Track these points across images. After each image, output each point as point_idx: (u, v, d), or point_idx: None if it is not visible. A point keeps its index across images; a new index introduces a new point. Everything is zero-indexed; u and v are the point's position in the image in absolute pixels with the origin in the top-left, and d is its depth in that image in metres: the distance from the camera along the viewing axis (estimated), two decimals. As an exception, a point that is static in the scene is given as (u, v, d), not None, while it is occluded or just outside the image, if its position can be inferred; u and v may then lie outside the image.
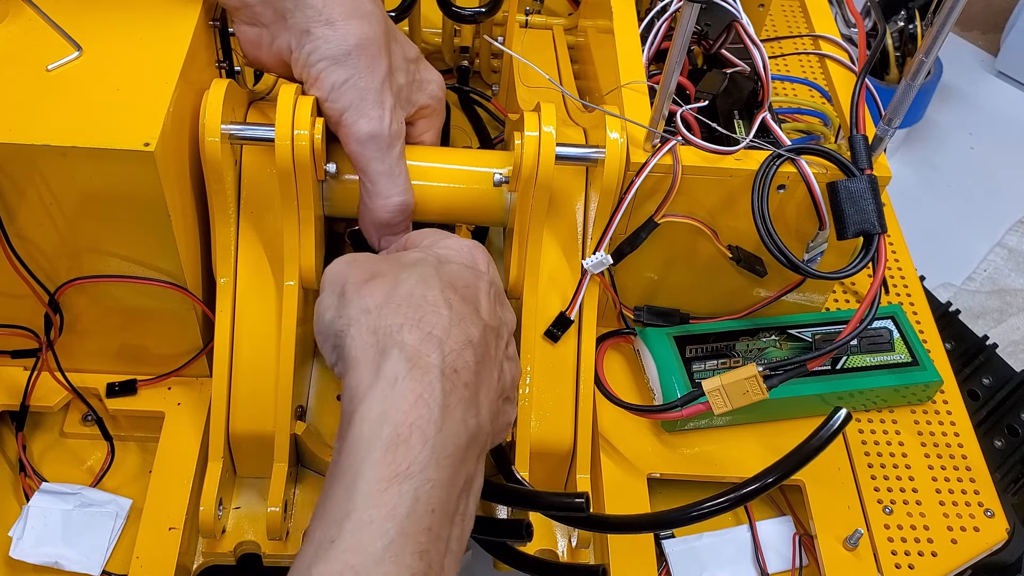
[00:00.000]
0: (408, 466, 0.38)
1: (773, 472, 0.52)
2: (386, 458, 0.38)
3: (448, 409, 0.40)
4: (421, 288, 0.44)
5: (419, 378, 0.40)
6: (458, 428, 0.40)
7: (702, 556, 0.67)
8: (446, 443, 0.40)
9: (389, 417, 0.39)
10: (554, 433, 0.64)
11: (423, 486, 0.38)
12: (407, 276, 0.45)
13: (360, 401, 0.41)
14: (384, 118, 0.58)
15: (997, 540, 0.67)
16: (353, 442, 0.40)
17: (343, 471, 0.39)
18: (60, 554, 0.62)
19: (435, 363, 0.41)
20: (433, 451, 0.39)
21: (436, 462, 0.39)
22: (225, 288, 0.63)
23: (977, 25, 1.81)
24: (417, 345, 0.41)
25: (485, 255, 0.51)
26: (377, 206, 0.60)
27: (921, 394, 0.72)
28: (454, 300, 0.44)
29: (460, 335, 0.43)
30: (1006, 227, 1.51)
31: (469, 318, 0.44)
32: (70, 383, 0.65)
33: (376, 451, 0.39)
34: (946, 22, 0.54)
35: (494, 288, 0.49)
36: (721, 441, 0.69)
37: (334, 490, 0.39)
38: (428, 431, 0.39)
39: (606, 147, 0.60)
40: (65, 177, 0.55)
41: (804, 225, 0.65)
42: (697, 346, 0.70)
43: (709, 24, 0.71)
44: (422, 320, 0.42)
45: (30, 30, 0.58)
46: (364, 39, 0.57)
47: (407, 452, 0.39)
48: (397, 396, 0.40)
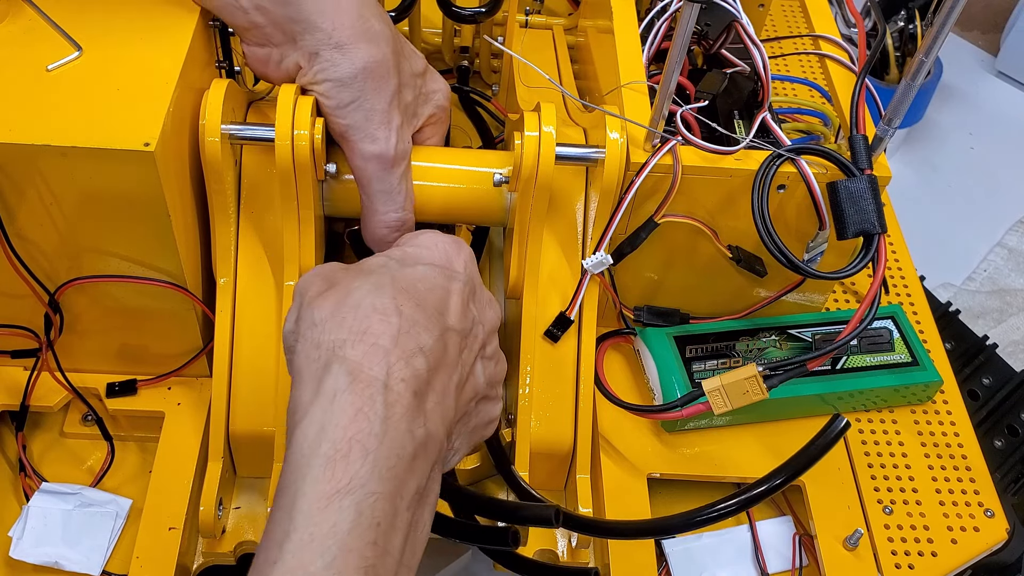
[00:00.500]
0: (349, 481, 0.38)
1: (759, 486, 0.51)
2: (325, 474, 0.38)
3: (391, 420, 0.39)
4: (371, 297, 0.43)
5: (360, 391, 0.40)
6: (403, 439, 0.40)
7: (702, 556, 0.67)
8: (389, 455, 0.39)
9: (327, 433, 0.39)
10: (554, 433, 0.64)
11: (366, 500, 0.38)
12: (359, 285, 0.44)
13: (301, 418, 0.40)
14: (390, 139, 0.59)
15: (997, 540, 0.67)
16: (293, 460, 0.39)
17: (283, 490, 0.39)
18: (60, 554, 0.62)
19: (378, 375, 0.40)
20: (375, 464, 0.38)
21: (379, 475, 0.38)
22: (225, 288, 0.63)
23: (977, 25, 1.81)
24: (359, 359, 0.41)
25: (463, 254, 0.51)
26: (373, 222, 0.61)
27: (921, 394, 0.72)
28: (406, 307, 0.43)
29: (409, 343, 0.42)
30: (1006, 227, 1.50)
31: (422, 324, 0.43)
32: (70, 383, 0.65)
33: (315, 468, 0.38)
34: (946, 22, 0.54)
35: (469, 288, 0.48)
36: (721, 441, 0.69)
37: (275, 511, 0.39)
38: (369, 444, 0.39)
39: (606, 147, 0.60)
40: (65, 177, 0.55)
41: (804, 225, 0.65)
42: (697, 346, 0.70)
43: (709, 24, 0.71)
44: (367, 331, 0.42)
45: (30, 30, 0.58)
46: (372, 62, 0.57)
47: (347, 467, 0.38)
48: (336, 411, 0.39)
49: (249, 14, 0.57)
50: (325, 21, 0.56)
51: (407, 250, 0.50)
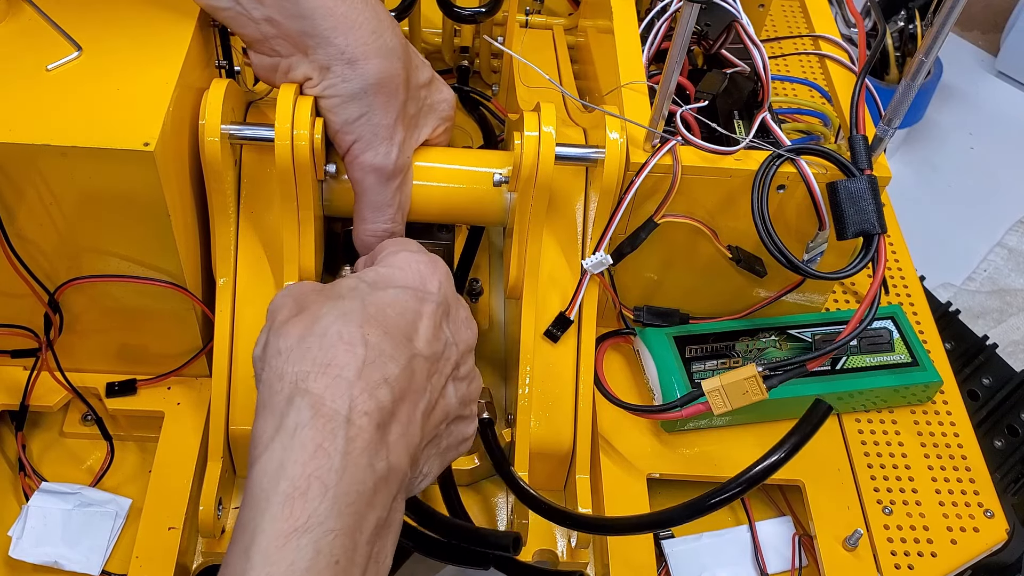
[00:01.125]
0: (307, 519, 0.37)
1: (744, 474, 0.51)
2: (283, 512, 0.37)
3: (351, 456, 0.39)
4: (338, 325, 0.43)
5: (320, 427, 0.39)
6: (363, 474, 0.39)
7: (702, 556, 0.67)
8: (348, 491, 0.39)
9: (287, 470, 0.38)
10: (553, 433, 0.64)
11: (324, 538, 0.37)
12: (327, 312, 0.44)
13: (261, 453, 0.40)
14: (391, 153, 0.59)
15: (997, 541, 0.67)
16: (251, 496, 0.39)
17: (242, 527, 0.38)
18: (60, 554, 0.62)
19: (340, 409, 0.40)
20: (334, 501, 0.38)
21: (338, 512, 0.38)
22: (225, 288, 0.63)
23: (977, 25, 1.81)
24: (322, 392, 0.40)
25: (438, 274, 0.50)
26: (361, 229, 0.61)
27: (921, 394, 0.72)
28: (373, 335, 0.43)
29: (374, 374, 0.42)
30: (1006, 227, 1.50)
31: (388, 353, 0.43)
32: (70, 383, 0.65)
33: (274, 505, 0.38)
34: (946, 22, 0.54)
35: (442, 309, 0.48)
36: (721, 441, 0.69)
37: (234, 548, 0.38)
38: (328, 480, 0.38)
39: (606, 147, 0.60)
40: (65, 177, 0.55)
41: (804, 225, 0.65)
42: (697, 346, 0.70)
43: (709, 24, 0.71)
44: (331, 363, 0.41)
45: (30, 30, 0.58)
46: (383, 77, 0.57)
47: (305, 505, 0.38)
48: (296, 447, 0.39)
49: (260, 26, 0.57)
50: (339, 37, 0.56)
51: (380, 271, 0.49)
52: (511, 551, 0.53)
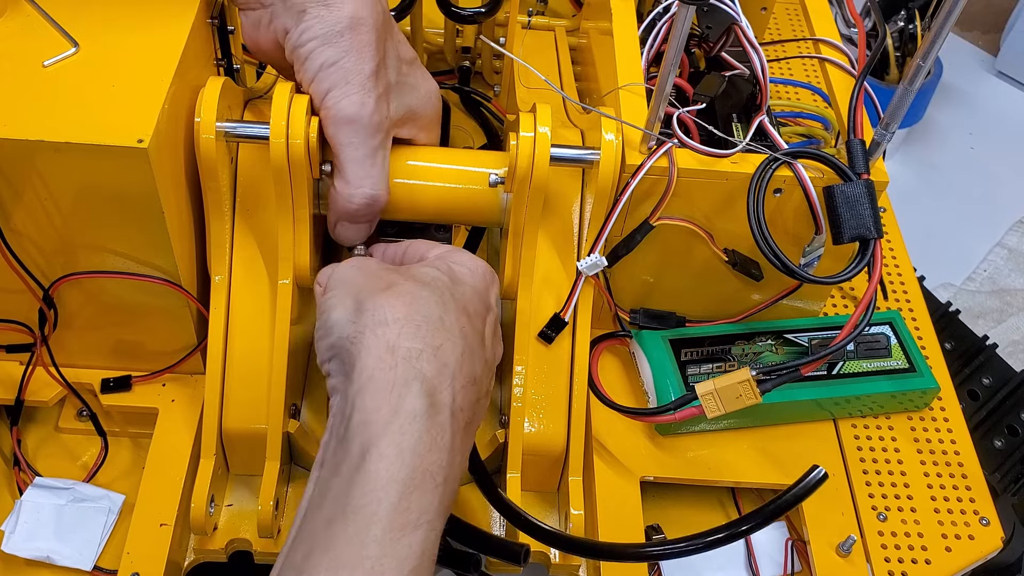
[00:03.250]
0: (419, 515, 0.38)
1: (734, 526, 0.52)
2: (401, 504, 0.38)
3: (454, 453, 0.40)
4: (439, 310, 0.43)
5: (434, 417, 0.40)
6: (457, 473, 0.40)
7: (694, 561, 0.67)
8: (448, 491, 0.40)
9: (406, 460, 0.39)
10: (547, 435, 0.64)
11: (429, 536, 0.38)
12: (426, 295, 0.43)
13: (378, 435, 0.39)
14: (367, 104, 0.57)
15: (992, 548, 0.67)
16: (368, 480, 0.39)
17: (356, 508, 0.38)
18: (52, 548, 0.62)
19: (447, 401, 0.40)
20: (441, 499, 0.39)
21: (441, 511, 0.39)
22: (219, 286, 0.63)
23: (977, 25, 1.80)
24: (434, 378, 0.41)
25: (496, 287, 0.50)
26: (343, 195, 0.58)
27: (918, 401, 0.72)
28: (467, 329, 0.43)
29: (468, 370, 0.42)
30: (1006, 227, 1.50)
31: (476, 351, 0.43)
32: (64, 378, 0.65)
33: (393, 495, 0.38)
34: (943, 27, 0.54)
35: (497, 318, 0.48)
36: (715, 445, 0.69)
37: (345, 527, 0.38)
38: (438, 477, 0.39)
39: (601, 149, 0.60)
40: (60, 173, 0.55)
41: (800, 229, 0.65)
42: (692, 349, 0.70)
43: (711, 27, 0.70)
44: (440, 349, 0.41)
45: (27, 26, 0.58)
46: (357, 21, 0.57)
47: (420, 499, 0.38)
48: (415, 437, 0.39)
49: None
50: None
51: (453, 267, 0.49)
52: (520, 562, 0.53)
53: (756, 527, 0.51)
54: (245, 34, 0.62)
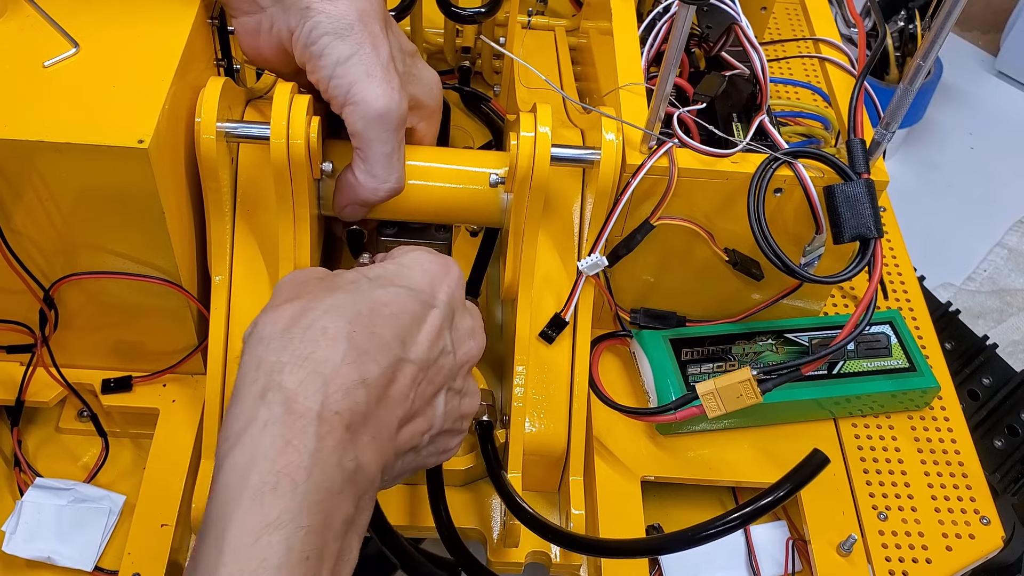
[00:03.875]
0: (278, 515, 0.37)
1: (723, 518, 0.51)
2: (254, 507, 0.37)
3: (321, 453, 0.39)
4: (326, 318, 0.42)
5: (291, 423, 0.39)
6: (332, 472, 0.39)
7: (695, 560, 0.67)
8: (318, 488, 0.38)
9: (257, 465, 0.38)
10: (548, 435, 0.64)
11: (295, 534, 0.37)
12: (318, 304, 0.43)
13: (232, 446, 0.39)
14: (393, 96, 0.56)
15: (992, 548, 0.67)
16: (221, 491, 0.39)
17: (212, 522, 0.38)
18: (53, 549, 0.62)
19: (312, 406, 0.39)
20: (304, 497, 0.38)
21: (308, 508, 0.38)
22: (220, 286, 0.63)
23: (977, 25, 1.80)
24: (296, 387, 0.40)
25: (449, 279, 0.48)
26: (368, 188, 0.58)
27: (918, 400, 0.72)
28: (359, 333, 0.42)
29: (352, 373, 0.41)
30: (1006, 227, 1.50)
31: (372, 354, 0.42)
32: (65, 379, 0.65)
33: (245, 501, 0.37)
34: (943, 27, 0.54)
35: (446, 317, 0.46)
36: (716, 445, 0.69)
37: (204, 543, 0.38)
38: (298, 477, 0.38)
39: (602, 148, 0.60)
40: (60, 173, 0.55)
41: (801, 229, 0.65)
42: (693, 349, 0.70)
43: (711, 27, 0.70)
44: (310, 357, 0.41)
45: (27, 26, 0.58)
46: (363, 12, 0.55)
47: (276, 500, 0.37)
48: (266, 442, 0.39)
49: None
50: None
51: (388, 267, 0.48)
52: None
53: (762, 510, 0.49)
54: (243, 42, 0.61)
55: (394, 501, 0.66)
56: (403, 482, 0.66)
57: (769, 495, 0.49)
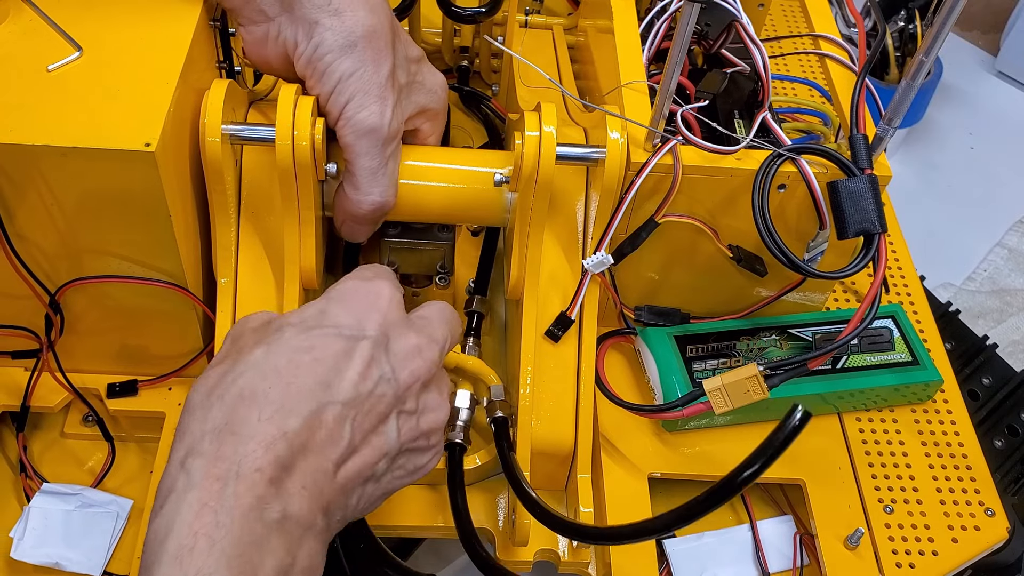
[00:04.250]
0: (196, 572, 0.38)
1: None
2: (173, 569, 0.39)
3: (237, 511, 0.40)
4: (242, 380, 0.43)
5: (208, 487, 0.40)
6: (252, 526, 0.40)
7: (703, 556, 0.67)
8: (237, 543, 0.39)
9: (175, 529, 0.39)
10: (555, 433, 0.64)
11: None
12: (238, 365, 0.44)
13: (155, 512, 0.41)
14: (385, 114, 0.58)
15: (998, 539, 0.67)
16: (146, 554, 0.40)
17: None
18: (61, 555, 0.62)
19: (230, 468, 0.41)
20: (222, 553, 0.39)
21: (227, 563, 0.39)
22: (226, 288, 0.63)
23: (977, 25, 1.81)
24: (215, 451, 0.41)
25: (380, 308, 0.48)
26: (353, 200, 0.60)
27: (921, 393, 0.72)
28: (275, 390, 0.43)
29: (270, 429, 0.42)
30: (1006, 227, 1.50)
31: (289, 406, 0.43)
32: (71, 384, 0.65)
33: (164, 565, 0.39)
34: (946, 22, 0.54)
35: (378, 347, 0.46)
36: (722, 441, 0.69)
37: None
38: (215, 535, 0.39)
39: (607, 147, 0.60)
40: (66, 177, 0.55)
41: (804, 225, 0.65)
42: (698, 346, 0.70)
43: (709, 24, 0.71)
44: (229, 422, 0.42)
45: (30, 30, 0.58)
46: (371, 30, 0.57)
47: (193, 559, 0.39)
48: (184, 507, 0.40)
49: None
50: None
51: (314, 309, 0.48)
52: None
53: (754, 475, 0.47)
54: (248, 50, 0.61)
55: (412, 501, 0.66)
56: (420, 482, 0.66)
57: (761, 456, 0.47)
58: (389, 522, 0.65)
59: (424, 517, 0.66)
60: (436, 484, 0.66)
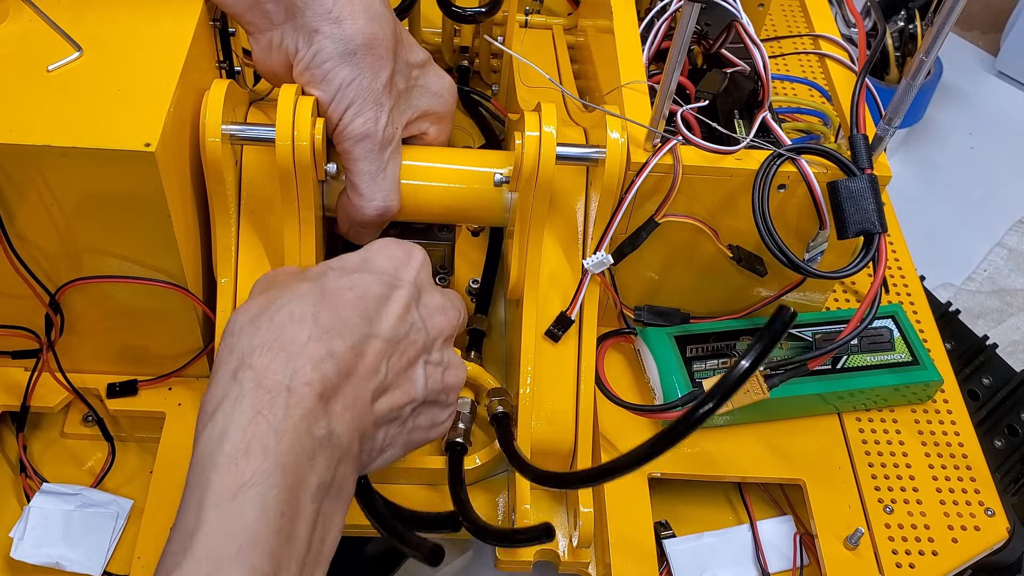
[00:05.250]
0: (252, 475, 0.40)
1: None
2: (230, 469, 0.40)
3: (290, 421, 0.41)
4: (291, 305, 0.45)
5: (261, 396, 0.41)
6: (303, 438, 0.41)
7: (703, 556, 0.67)
8: (289, 451, 0.41)
9: (230, 434, 0.41)
10: (555, 433, 0.64)
11: (269, 492, 0.40)
12: (286, 294, 0.46)
13: (207, 421, 0.42)
14: (380, 120, 0.59)
15: (998, 539, 0.67)
16: (198, 461, 0.41)
17: (191, 489, 0.41)
18: (61, 555, 0.62)
19: (281, 380, 0.42)
20: (276, 460, 0.40)
21: (281, 469, 0.40)
22: (226, 288, 0.63)
23: (977, 25, 1.80)
24: (266, 365, 0.42)
25: (414, 261, 0.50)
26: (356, 206, 0.61)
27: (921, 393, 0.72)
28: (323, 314, 0.45)
29: (319, 348, 0.43)
30: (1006, 227, 1.50)
31: (337, 331, 0.44)
32: (71, 384, 0.65)
33: (220, 465, 0.40)
34: (946, 22, 0.54)
35: (412, 295, 0.49)
36: (722, 440, 0.69)
37: (184, 507, 0.41)
38: (269, 442, 0.40)
39: (607, 147, 0.60)
40: (66, 177, 0.55)
41: (805, 224, 0.65)
42: (698, 346, 0.70)
43: (709, 24, 0.71)
44: (278, 339, 0.43)
45: (30, 31, 0.58)
46: (371, 38, 0.58)
47: (249, 463, 0.40)
48: (237, 414, 0.41)
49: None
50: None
51: (352, 258, 0.50)
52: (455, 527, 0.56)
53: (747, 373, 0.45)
54: (257, 59, 0.62)
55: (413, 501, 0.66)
56: (420, 482, 0.66)
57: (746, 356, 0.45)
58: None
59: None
60: (436, 484, 0.66)
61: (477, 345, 0.70)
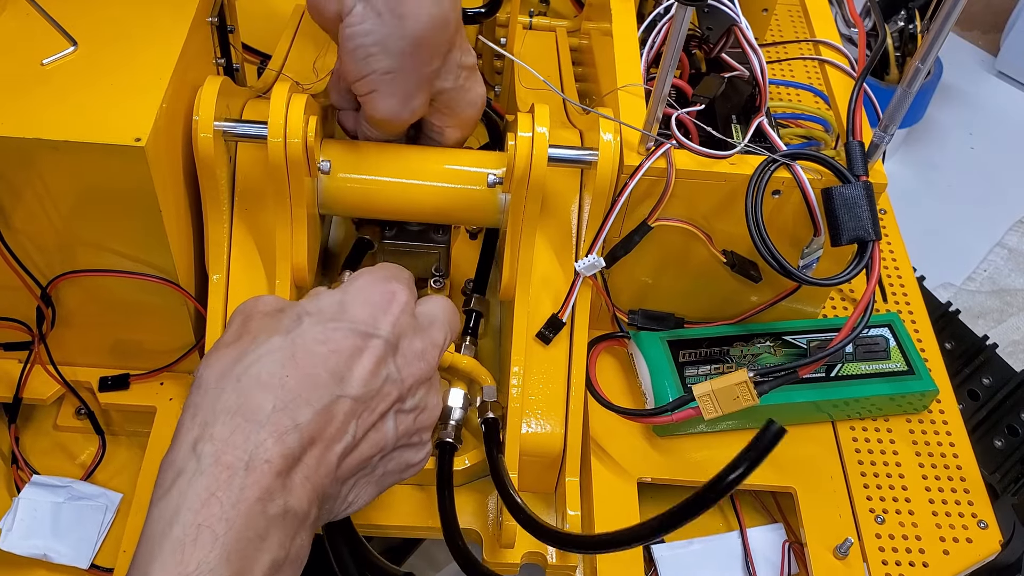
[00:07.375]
0: (196, 566, 0.38)
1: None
2: (173, 558, 0.38)
3: (242, 505, 0.40)
4: (259, 365, 0.43)
5: (218, 475, 0.40)
6: (255, 520, 0.40)
7: (691, 562, 0.67)
8: (239, 538, 0.39)
9: (180, 515, 0.39)
10: (544, 436, 0.64)
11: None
12: (255, 349, 0.44)
13: (161, 495, 0.40)
14: (402, 114, 0.59)
15: (990, 552, 0.67)
16: (147, 538, 0.40)
17: (135, 567, 0.39)
18: (49, 547, 0.62)
19: (241, 455, 0.40)
20: (224, 548, 0.39)
21: (227, 559, 0.39)
22: (217, 285, 0.63)
23: (977, 25, 1.80)
24: (227, 438, 0.41)
25: (394, 307, 0.48)
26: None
27: (917, 403, 0.72)
28: (292, 377, 0.43)
29: (284, 419, 0.42)
30: (1006, 227, 1.50)
31: (305, 397, 0.43)
32: (62, 377, 0.66)
33: (165, 552, 0.39)
34: (942, 29, 0.54)
35: (388, 347, 0.47)
36: (713, 447, 0.69)
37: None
38: (218, 529, 0.39)
39: (599, 149, 0.60)
40: (58, 171, 0.55)
41: (799, 231, 0.65)
42: (691, 351, 0.69)
43: (711, 28, 0.70)
44: (243, 406, 0.42)
45: (25, 24, 0.58)
46: (422, 40, 0.56)
47: (195, 553, 0.38)
48: (191, 494, 0.40)
49: None
50: None
51: (333, 300, 0.48)
52: None
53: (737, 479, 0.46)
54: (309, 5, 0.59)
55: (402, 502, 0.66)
56: (411, 482, 0.66)
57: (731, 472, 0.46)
58: (380, 522, 0.65)
59: (414, 518, 0.65)
60: (426, 485, 0.66)
61: (473, 331, 0.69)
